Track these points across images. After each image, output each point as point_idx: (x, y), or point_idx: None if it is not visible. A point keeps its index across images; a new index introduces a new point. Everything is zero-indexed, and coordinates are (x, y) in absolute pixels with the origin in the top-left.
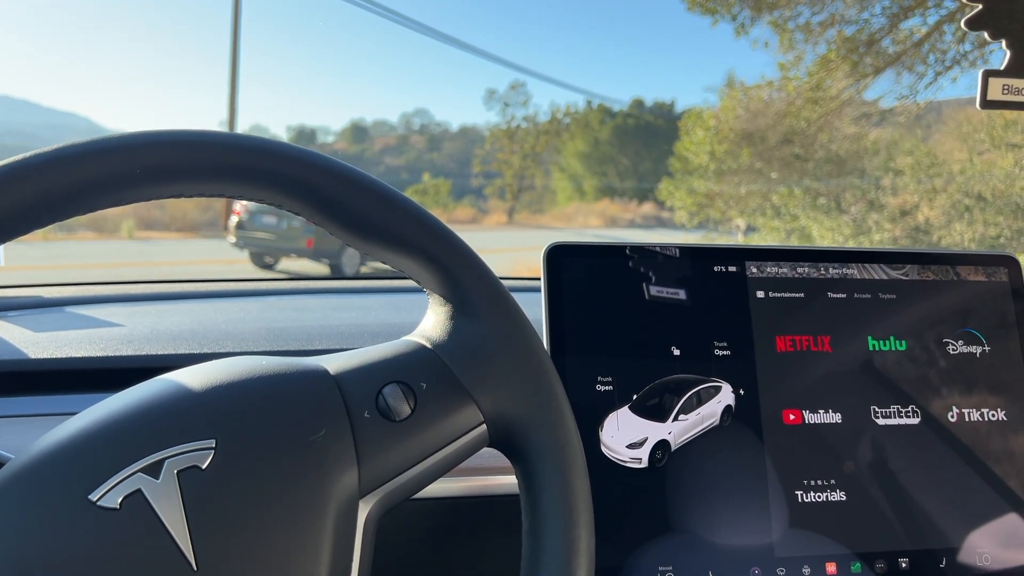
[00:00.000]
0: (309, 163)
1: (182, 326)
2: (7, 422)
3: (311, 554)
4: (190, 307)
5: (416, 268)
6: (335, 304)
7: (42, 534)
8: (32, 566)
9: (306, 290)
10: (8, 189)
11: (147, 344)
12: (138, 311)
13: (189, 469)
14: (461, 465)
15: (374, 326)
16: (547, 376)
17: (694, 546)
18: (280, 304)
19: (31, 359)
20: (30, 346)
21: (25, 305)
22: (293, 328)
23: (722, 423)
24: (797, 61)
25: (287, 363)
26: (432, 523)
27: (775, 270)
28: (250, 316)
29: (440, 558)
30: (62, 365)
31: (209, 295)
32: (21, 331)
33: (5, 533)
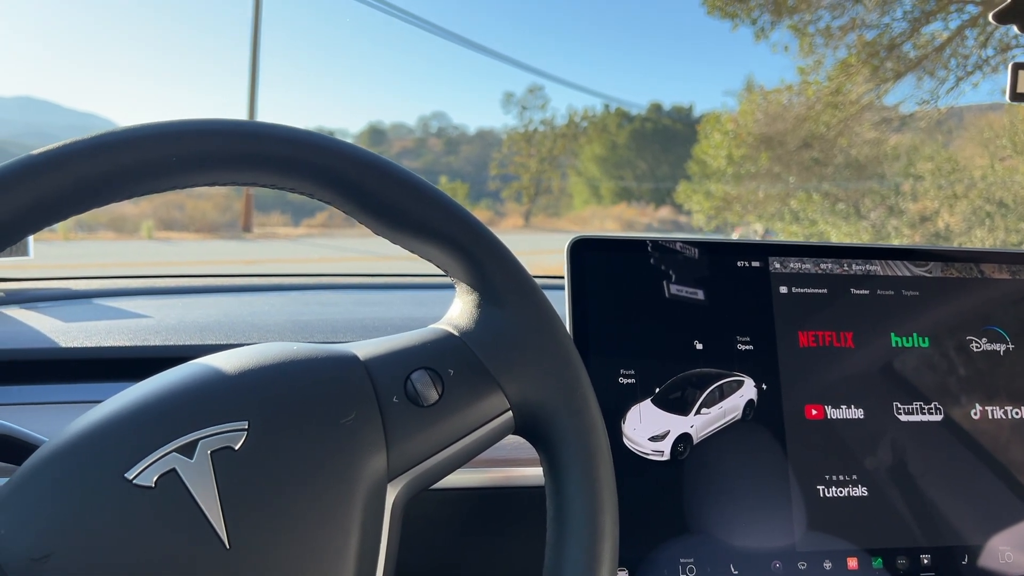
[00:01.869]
0: (341, 153)
1: (208, 318)
2: (40, 408)
3: (340, 535)
4: (215, 300)
5: (444, 257)
6: (357, 299)
7: (79, 510)
8: (69, 541)
9: (329, 285)
10: (48, 175)
11: (174, 335)
12: (164, 304)
13: (222, 450)
14: (486, 456)
15: (397, 319)
16: (572, 364)
17: (715, 539)
18: (304, 298)
19: (62, 348)
20: (61, 335)
21: (55, 297)
22: (317, 321)
23: (744, 417)
24: (817, 65)
25: (318, 349)
26: (457, 513)
27: (798, 266)
28: (274, 309)
29: (464, 547)
30: (92, 354)
31: (233, 289)
32: (52, 321)
33: (44, 509)
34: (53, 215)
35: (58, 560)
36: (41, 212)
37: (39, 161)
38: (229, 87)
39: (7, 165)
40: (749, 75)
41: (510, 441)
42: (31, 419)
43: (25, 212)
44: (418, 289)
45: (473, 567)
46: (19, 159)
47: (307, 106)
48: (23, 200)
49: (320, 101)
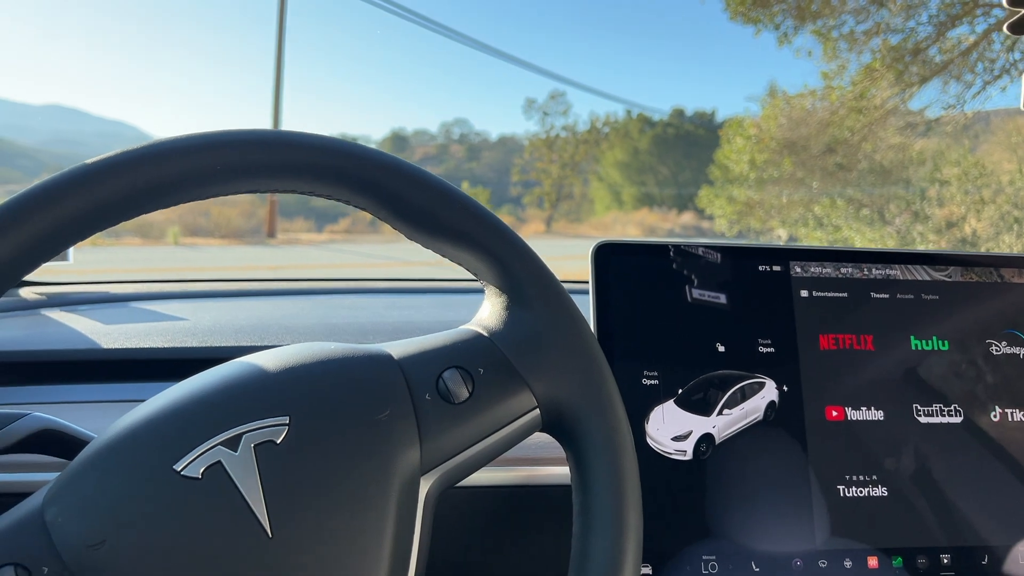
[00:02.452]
0: (377, 162)
1: (242, 320)
2: (83, 407)
3: (377, 524)
4: (248, 303)
5: (473, 261)
6: (387, 303)
7: (131, 500)
8: (122, 529)
9: (358, 290)
10: (103, 183)
11: (210, 336)
12: (199, 307)
13: (265, 443)
14: (511, 455)
15: (425, 322)
16: (597, 364)
17: (737, 537)
18: (333, 302)
19: (104, 349)
20: (102, 337)
21: (93, 300)
22: (347, 324)
23: (766, 418)
24: (841, 70)
25: (354, 348)
26: (483, 510)
27: (819, 270)
28: (305, 312)
29: (490, 543)
30: (132, 355)
31: (265, 293)
32: (92, 323)
33: (98, 499)
34: (105, 221)
35: (111, 547)
36: (95, 218)
37: (94, 170)
38: (254, 93)
39: (64, 174)
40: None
41: (535, 441)
42: (74, 417)
43: (80, 219)
44: (444, 294)
45: (499, 562)
46: (75, 168)
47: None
48: (79, 206)
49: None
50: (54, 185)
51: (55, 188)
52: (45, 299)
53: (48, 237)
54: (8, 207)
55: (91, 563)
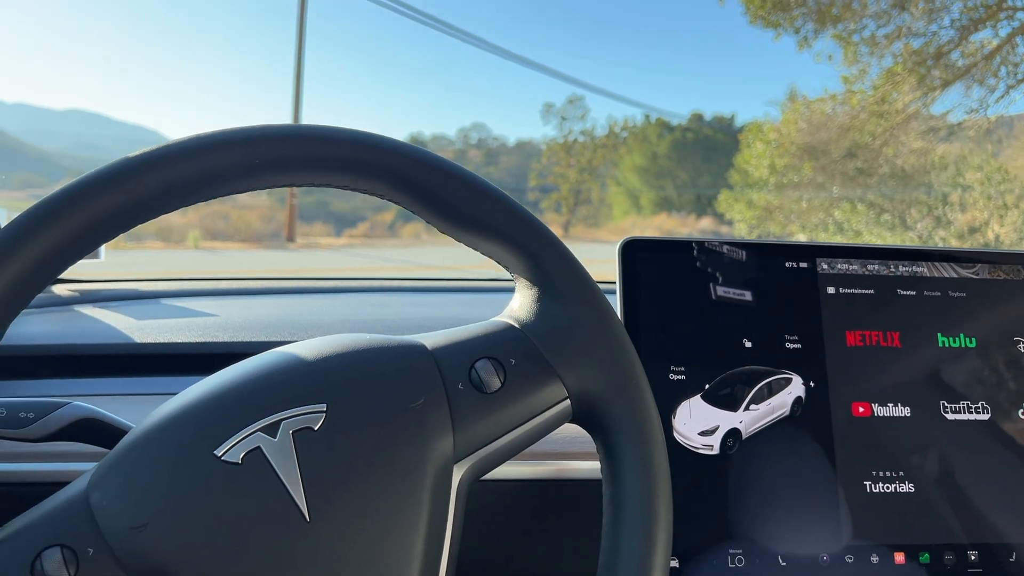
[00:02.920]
0: (411, 156)
1: (271, 317)
2: (120, 399)
3: (411, 511)
4: (274, 301)
5: (504, 254)
6: (410, 301)
7: (173, 484)
8: (164, 512)
9: (382, 288)
10: (142, 177)
11: (241, 332)
12: (227, 304)
13: (303, 430)
14: (539, 449)
15: (448, 319)
16: (627, 355)
17: (764, 531)
18: (358, 300)
19: (138, 343)
20: (135, 332)
21: (124, 297)
22: (373, 320)
23: (792, 414)
24: (862, 74)
25: (388, 339)
26: (511, 503)
27: (845, 267)
28: (332, 309)
29: (518, 536)
30: (166, 349)
31: (291, 291)
32: (125, 319)
33: (141, 482)
34: (145, 214)
35: (154, 529)
36: (134, 212)
37: (134, 164)
38: (273, 98)
39: (106, 168)
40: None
41: (562, 435)
42: (110, 409)
43: (121, 211)
44: (466, 292)
45: (527, 557)
46: (115, 162)
47: (349, 117)
48: (121, 199)
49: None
50: (97, 178)
51: (98, 181)
52: (78, 295)
53: (93, 228)
54: (53, 200)
55: (135, 545)
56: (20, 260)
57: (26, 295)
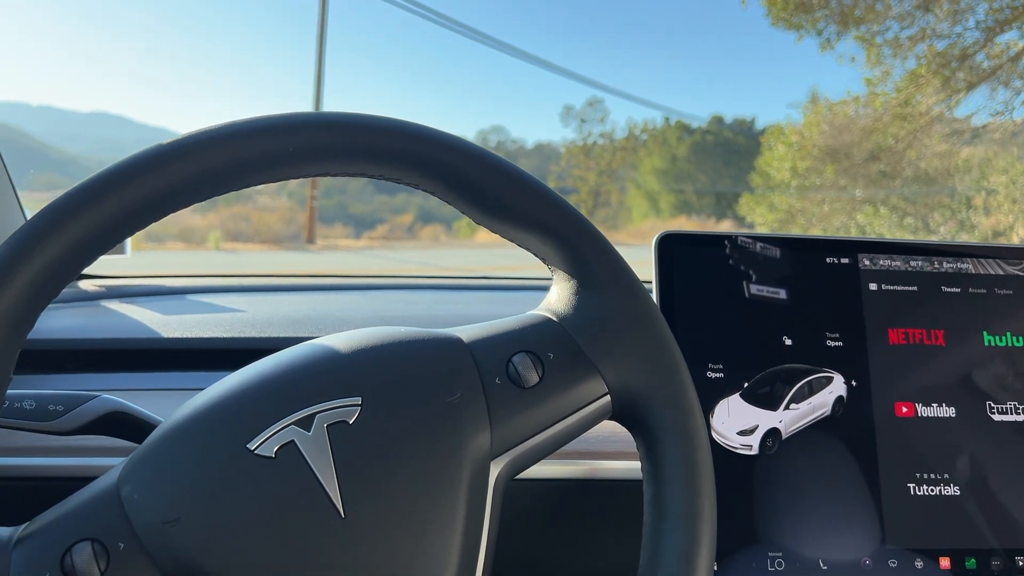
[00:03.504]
0: (447, 145)
1: (298, 313)
2: (148, 394)
3: (448, 507)
4: (301, 297)
5: (542, 245)
6: (436, 298)
7: (206, 478)
8: (196, 506)
9: (408, 285)
10: (177, 163)
11: (269, 327)
12: (254, 300)
13: (338, 424)
14: (573, 448)
15: (476, 316)
16: (670, 350)
17: (804, 534)
18: (386, 296)
19: (165, 338)
20: (162, 327)
21: (151, 292)
22: (401, 316)
23: (834, 413)
24: (885, 76)
25: (424, 332)
26: (547, 504)
27: (888, 263)
28: (360, 306)
29: (554, 537)
30: (194, 344)
31: (317, 288)
32: (152, 314)
33: (173, 476)
34: (178, 202)
35: (185, 524)
36: (168, 198)
37: (168, 151)
38: (294, 101)
39: (139, 154)
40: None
41: (596, 433)
42: (139, 404)
43: (156, 198)
44: (494, 291)
45: (562, 557)
46: (150, 149)
47: None
48: (156, 186)
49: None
50: (130, 165)
51: (132, 168)
52: (104, 291)
53: (124, 216)
54: (87, 187)
55: (166, 539)
56: (51, 248)
57: (57, 284)
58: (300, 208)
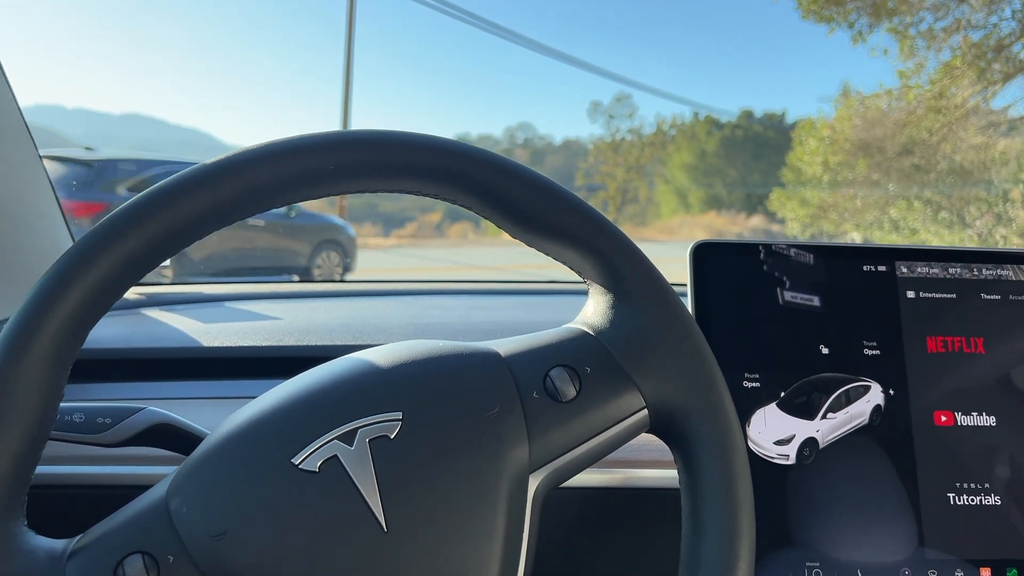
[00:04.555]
0: (483, 161)
1: (335, 320)
2: (190, 403)
3: (488, 521)
4: (337, 304)
5: (578, 259)
6: (471, 304)
7: (252, 492)
8: (243, 520)
9: (441, 291)
10: (223, 182)
11: (306, 335)
12: (291, 307)
13: (379, 438)
14: (611, 457)
15: (512, 323)
16: (707, 363)
17: (842, 544)
18: (419, 303)
19: (206, 347)
20: (202, 335)
21: (190, 300)
22: (436, 324)
23: (871, 422)
24: (918, 68)
25: (462, 346)
26: (581, 512)
27: (926, 270)
28: (395, 312)
29: (588, 546)
30: (235, 353)
31: (352, 294)
32: (192, 322)
33: (221, 490)
34: (223, 220)
35: (233, 538)
36: (213, 217)
37: (212, 170)
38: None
39: (184, 174)
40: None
41: (631, 442)
42: (181, 413)
43: (201, 217)
44: (526, 295)
45: (595, 566)
46: (194, 168)
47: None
48: (200, 205)
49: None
50: (177, 183)
51: (179, 186)
52: (145, 299)
53: (172, 233)
54: (137, 205)
55: (214, 553)
56: (99, 270)
57: (104, 304)
58: (330, 208)
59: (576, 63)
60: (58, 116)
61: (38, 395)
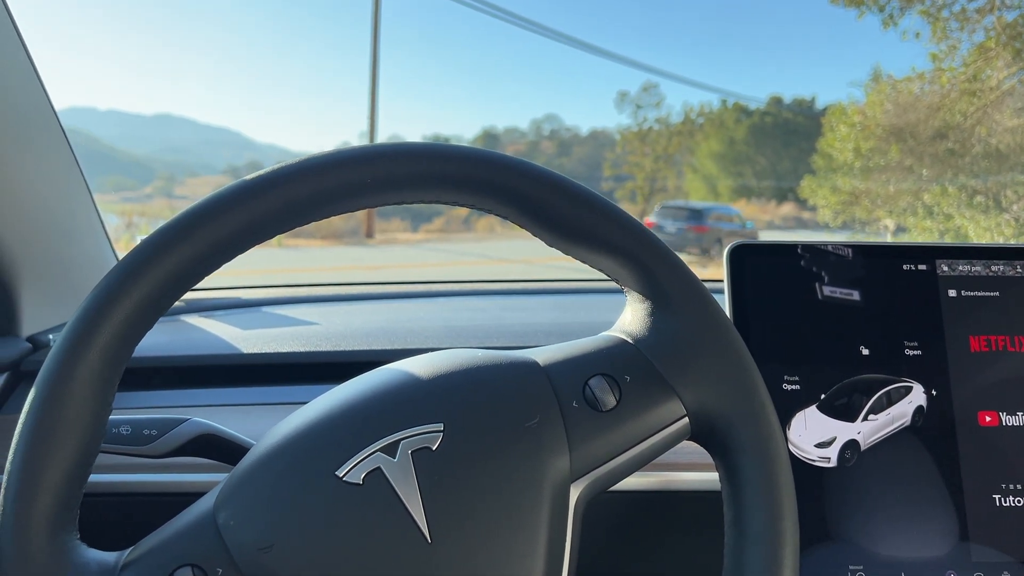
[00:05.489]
0: (518, 170)
1: (371, 325)
2: (231, 409)
3: (531, 530)
4: (371, 307)
5: (615, 266)
6: (504, 305)
7: (298, 505)
8: (289, 533)
9: (473, 292)
10: (261, 198)
11: (342, 340)
12: (327, 311)
13: (421, 450)
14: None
15: (545, 325)
16: (748, 370)
17: (886, 546)
18: (452, 304)
19: (246, 353)
20: (241, 342)
21: (228, 305)
22: (470, 326)
23: (914, 424)
24: (951, 51)
25: (501, 355)
26: (621, 515)
27: (967, 268)
28: (428, 315)
29: (628, 549)
30: (272, 359)
31: (385, 296)
32: (232, 329)
33: (267, 503)
34: (263, 234)
35: (280, 550)
36: (254, 232)
37: (252, 186)
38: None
39: (225, 190)
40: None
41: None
42: (223, 420)
43: (243, 232)
44: (558, 295)
45: (637, 568)
46: (235, 184)
47: (424, 114)
48: (242, 220)
49: (436, 108)
50: (219, 199)
51: (221, 202)
52: (184, 305)
53: (214, 249)
54: (179, 222)
55: (261, 565)
56: (144, 285)
57: (150, 319)
58: None
59: (602, 53)
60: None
61: (89, 410)
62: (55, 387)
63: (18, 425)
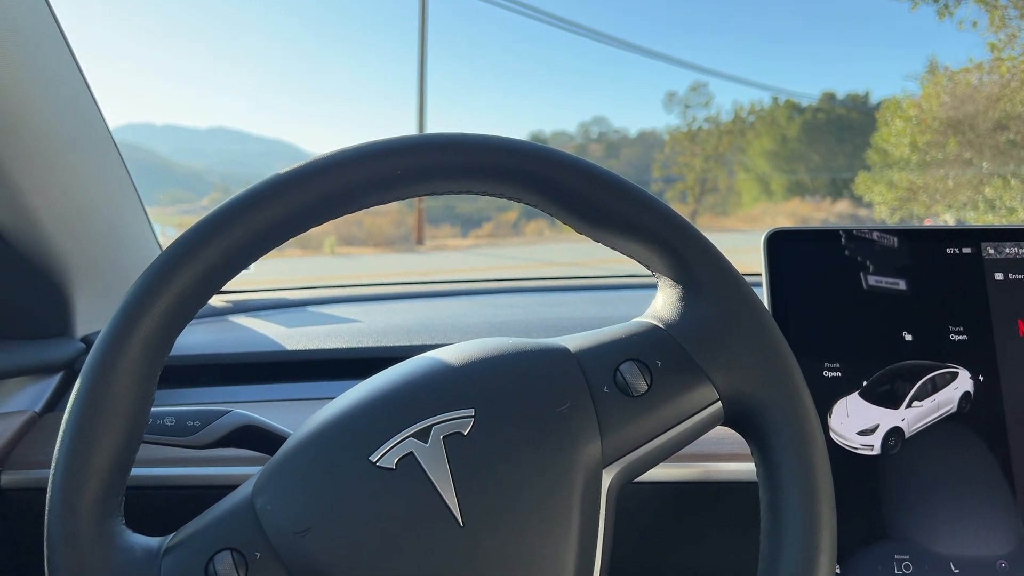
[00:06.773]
0: (548, 159)
1: (411, 322)
2: (275, 405)
3: (563, 515)
4: (413, 305)
5: (646, 252)
6: (542, 300)
7: (333, 490)
8: (325, 517)
9: (512, 289)
10: (295, 191)
11: (384, 337)
12: (369, 309)
13: (453, 435)
14: (688, 450)
15: (581, 318)
16: (781, 353)
17: (933, 536)
18: (492, 301)
19: (290, 350)
20: (286, 339)
21: (273, 305)
22: (510, 322)
23: (960, 410)
24: (1011, 39)
25: (531, 343)
26: (658, 507)
27: (1014, 251)
28: (468, 312)
29: (666, 540)
30: (317, 355)
31: (427, 294)
32: (276, 327)
33: (303, 489)
34: (298, 227)
35: (315, 534)
36: (288, 224)
37: (285, 179)
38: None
39: (260, 184)
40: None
41: (709, 435)
42: (267, 414)
43: (277, 224)
44: (596, 291)
45: (675, 559)
46: (269, 178)
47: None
48: (277, 213)
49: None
50: (254, 193)
51: (256, 195)
52: (231, 306)
53: (251, 241)
54: (217, 216)
55: (298, 549)
56: (184, 277)
57: (190, 310)
58: (409, 211)
59: (649, 54)
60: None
61: (132, 400)
62: (99, 377)
63: (65, 414)
